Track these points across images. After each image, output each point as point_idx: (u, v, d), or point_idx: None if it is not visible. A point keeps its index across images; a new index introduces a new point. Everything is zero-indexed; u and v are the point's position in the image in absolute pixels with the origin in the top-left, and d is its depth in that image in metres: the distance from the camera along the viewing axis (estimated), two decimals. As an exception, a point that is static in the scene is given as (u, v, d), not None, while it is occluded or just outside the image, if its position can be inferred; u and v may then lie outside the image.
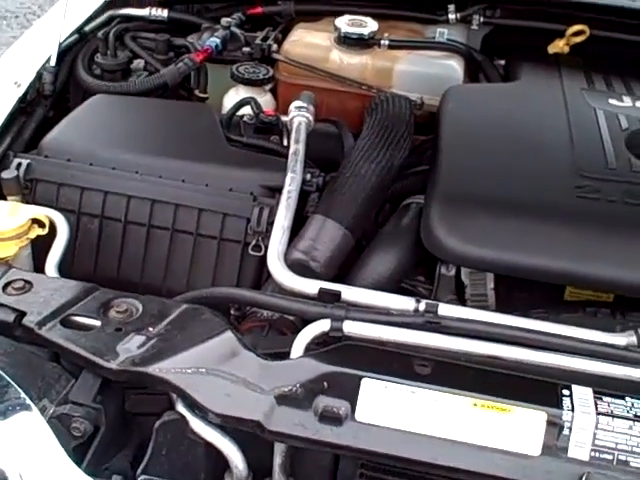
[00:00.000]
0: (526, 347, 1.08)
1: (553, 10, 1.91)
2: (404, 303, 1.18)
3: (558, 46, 1.89)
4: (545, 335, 1.11)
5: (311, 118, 1.50)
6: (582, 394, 1.00)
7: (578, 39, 1.87)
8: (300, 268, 1.28)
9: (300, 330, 1.11)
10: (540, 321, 1.18)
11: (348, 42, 1.77)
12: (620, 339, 1.16)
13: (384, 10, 1.87)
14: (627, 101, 1.65)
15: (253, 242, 1.35)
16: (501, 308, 1.36)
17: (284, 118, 1.54)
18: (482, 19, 1.91)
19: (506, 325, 1.12)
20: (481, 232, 1.30)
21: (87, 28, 1.83)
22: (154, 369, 1.02)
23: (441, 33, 1.86)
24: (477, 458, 0.96)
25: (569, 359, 1.07)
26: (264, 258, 1.27)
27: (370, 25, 1.78)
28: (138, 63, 1.75)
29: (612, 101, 1.64)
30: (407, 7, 1.90)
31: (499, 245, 1.29)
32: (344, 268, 1.38)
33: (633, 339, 1.16)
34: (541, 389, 1.01)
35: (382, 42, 1.77)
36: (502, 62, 1.94)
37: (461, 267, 1.38)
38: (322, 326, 1.10)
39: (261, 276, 1.37)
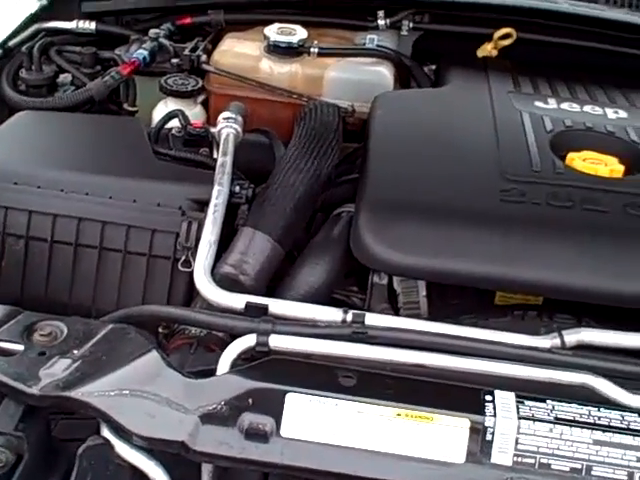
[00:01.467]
0: (451, 354, 1.09)
1: (481, 14, 1.94)
2: (332, 314, 1.18)
3: (486, 50, 1.91)
4: (470, 341, 1.12)
5: (239, 129, 1.50)
6: (504, 399, 1.01)
7: (506, 42, 1.90)
8: (230, 282, 1.27)
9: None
10: (466, 327, 1.19)
11: (277, 51, 1.77)
12: (544, 342, 1.18)
13: (313, 18, 1.88)
14: (552, 103, 1.67)
15: (183, 258, 1.34)
16: (434, 315, 1.37)
17: (213, 130, 1.54)
18: (411, 25, 1.92)
19: (431, 332, 1.13)
20: (409, 239, 1.31)
21: (12, 43, 1.80)
22: (77, 393, 1.01)
23: (371, 39, 1.87)
24: (401, 469, 0.97)
25: (494, 364, 1.07)
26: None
27: (299, 33, 1.78)
28: (65, 77, 1.73)
29: (538, 103, 1.66)
30: (336, 14, 1.90)
31: (427, 252, 1.29)
32: (276, 280, 1.38)
33: (557, 341, 1.18)
34: (464, 396, 1.02)
35: (312, 50, 1.77)
36: (433, 67, 1.96)
37: (392, 275, 1.38)
38: (248, 341, 1.09)
39: (192, 292, 1.36)
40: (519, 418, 0.99)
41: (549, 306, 1.35)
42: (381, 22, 1.88)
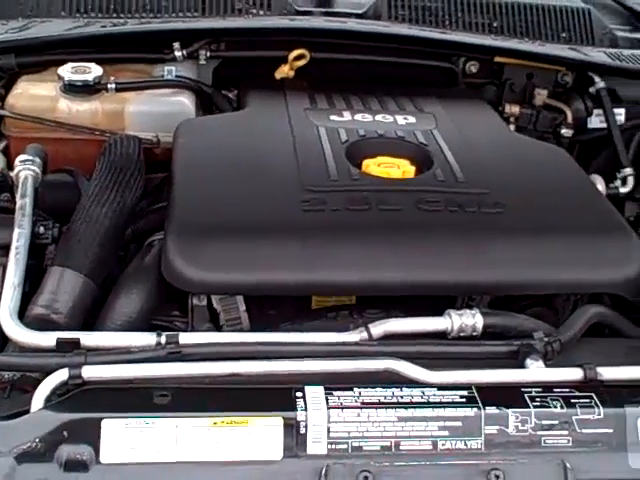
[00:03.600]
0: (263, 360, 1.14)
1: (275, 38, 2.02)
2: (146, 339, 1.20)
3: (283, 71, 1.99)
4: (279, 345, 1.17)
5: (38, 170, 1.49)
6: (314, 393, 1.07)
7: (300, 63, 1.98)
8: (43, 323, 1.26)
9: (42, 385, 1.10)
10: (277, 333, 1.24)
11: (74, 90, 1.77)
12: (353, 336, 1.25)
13: (108, 55, 1.89)
14: (347, 115, 1.77)
15: (-12, 304, 1.31)
16: (255, 328, 1.41)
17: (12, 174, 1.52)
18: (209, 54, 1.97)
19: (242, 342, 1.17)
20: (218, 257, 1.34)
21: None
22: None
23: (169, 71, 1.90)
24: (223, 474, 1.00)
25: (303, 363, 1.13)
26: None
27: (94, 70, 1.79)
28: None
29: (333, 117, 1.75)
30: (131, 49, 1.92)
31: (237, 267, 1.34)
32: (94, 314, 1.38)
33: (364, 334, 1.26)
34: (277, 396, 1.07)
35: (109, 86, 1.78)
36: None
37: (208, 295, 1.42)
38: (60, 376, 1.09)
39: (6, 338, 1.34)
40: (328, 408, 1.05)
41: (363, 303, 1.44)
42: (178, 53, 1.91)
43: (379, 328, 1.27)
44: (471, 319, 1.30)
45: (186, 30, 1.95)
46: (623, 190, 1.92)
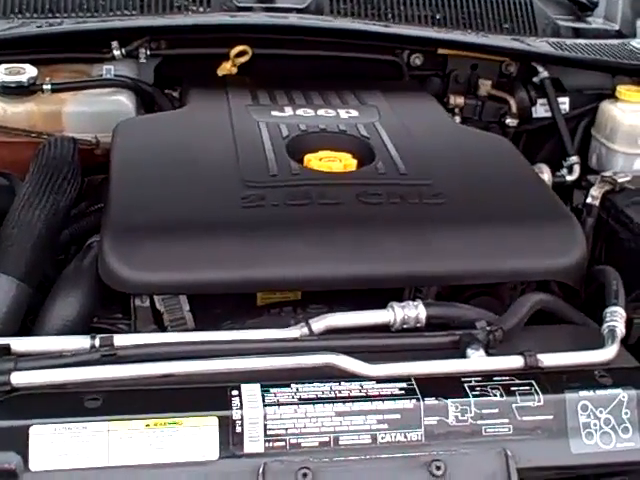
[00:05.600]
0: (199, 359, 1.11)
1: (217, 35, 1.99)
2: (80, 342, 1.17)
3: (226, 68, 1.97)
4: (217, 343, 1.15)
5: (-32, 175, 1.45)
6: (250, 391, 1.05)
7: (243, 59, 1.96)
8: None
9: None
10: (217, 331, 1.22)
11: (8, 91, 1.72)
12: (294, 332, 1.24)
13: (45, 55, 1.85)
14: (289, 111, 1.75)
15: None
16: (200, 328, 1.39)
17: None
18: (149, 52, 1.94)
19: (178, 342, 1.15)
20: (156, 257, 1.31)
21: None
22: None
23: (108, 70, 1.86)
24: (157, 477, 0.98)
25: (240, 361, 1.11)
26: None
27: (29, 71, 1.75)
28: None
29: (275, 113, 1.73)
30: (69, 49, 1.88)
31: (176, 266, 1.31)
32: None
33: (305, 330, 1.24)
34: (212, 395, 1.05)
35: (44, 87, 1.74)
36: (179, 91, 1.99)
37: (149, 295, 1.39)
38: (-12, 383, 1.06)
39: None
40: (265, 405, 1.03)
41: (308, 299, 1.42)
42: (116, 52, 1.88)
43: (320, 323, 1.26)
44: (414, 311, 1.29)
45: (124, 29, 1.91)
46: (569, 178, 1.93)
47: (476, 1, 2.14)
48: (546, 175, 1.88)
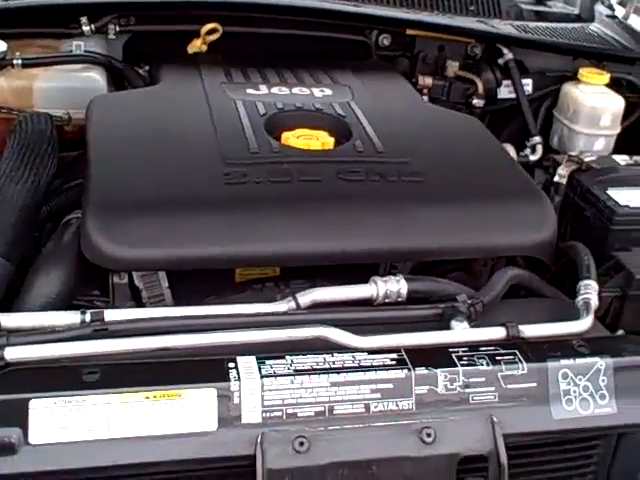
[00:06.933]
0: (193, 333, 1.13)
1: (187, 12, 1.98)
2: (70, 318, 1.17)
3: (196, 46, 1.96)
4: (208, 318, 1.17)
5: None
6: (246, 363, 1.07)
7: (213, 37, 1.96)
8: None
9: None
10: (205, 306, 1.23)
11: (-23, 66, 1.70)
12: (281, 306, 1.26)
13: (13, 30, 1.82)
14: (263, 89, 1.76)
15: None
16: (178, 305, 1.39)
17: None
18: (118, 28, 1.92)
19: (170, 317, 1.16)
20: (139, 233, 1.31)
21: None
22: None
23: (77, 46, 1.84)
24: (158, 448, 1.00)
25: (233, 334, 1.13)
26: None
27: (-2, 46, 1.72)
28: None
29: (250, 91, 1.74)
30: (38, 24, 1.85)
31: (158, 242, 1.31)
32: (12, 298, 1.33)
33: (292, 304, 1.26)
34: (209, 368, 1.06)
35: (15, 62, 1.72)
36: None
37: (129, 272, 1.39)
38: (-20, 359, 1.05)
39: None
40: (262, 377, 1.05)
41: (287, 274, 1.44)
42: (85, 28, 1.86)
43: (307, 297, 1.28)
44: (396, 285, 1.33)
45: (93, 4, 1.89)
46: (533, 158, 1.99)
47: (443, -17, 2.17)
48: (512, 154, 1.93)
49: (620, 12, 2.45)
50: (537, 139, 2.01)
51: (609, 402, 1.14)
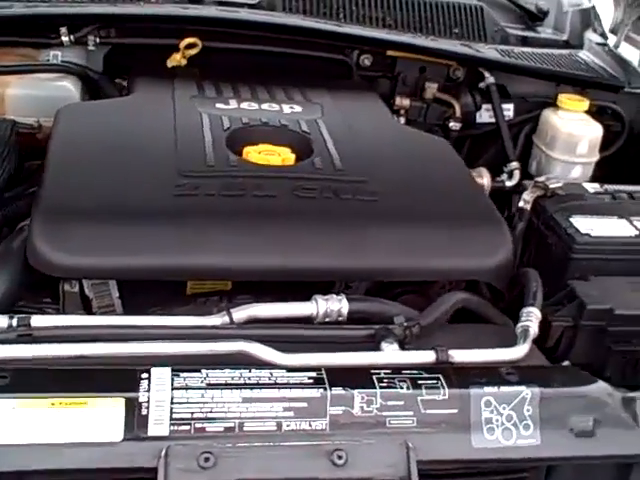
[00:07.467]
0: (115, 342, 1.13)
1: (168, 26, 2.00)
2: (-1, 322, 1.18)
3: (176, 59, 1.98)
4: (133, 328, 1.16)
5: None
6: (159, 374, 1.06)
7: (192, 51, 1.97)
8: None
9: None
10: (137, 316, 1.23)
11: (-48, 72, 1.73)
12: (214, 320, 1.25)
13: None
14: (233, 104, 1.76)
15: None
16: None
17: None
18: (98, 40, 1.94)
19: (95, 325, 1.16)
20: (85, 241, 1.32)
21: None
22: None
23: (55, 56, 1.87)
24: (60, 456, 0.99)
25: (153, 345, 1.13)
26: None
27: (-26, 53, 1.75)
28: None
29: (219, 105, 1.75)
30: (17, 33, 1.88)
31: (104, 251, 1.31)
32: None
33: (226, 319, 1.26)
34: (121, 377, 1.06)
35: (-12, 69, 1.75)
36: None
37: (76, 280, 1.40)
38: None
39: None
40: (172, 389, 1.04)
41: (237, 290, 1.44)
42: (65, 38, 1.88)
43: (242, 313, 1.28)
44: (337, 304, 1.32)
45: (74, 15, 1.91)
46: (509, 184, 1.97)
47: (427, 5, 2.17)
48: (485, 179, 1.91)
49: (612, 40, 2.44)
50: (515, 164, 1.99)
51: (533, 433, 1.11)
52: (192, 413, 1.03)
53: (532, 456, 1.10)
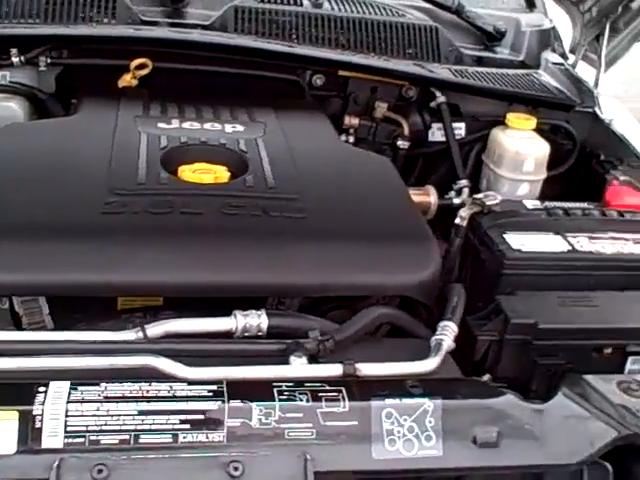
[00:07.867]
0: (17, 356, 1.14)
1: (119, 47, 2.02)
2: None
3: (126, 80, 2.00)
4: (41, 343, 1.18)
5: None
6: (57, 388, 1.07)
7: (143, 72, 2.00)
8: None
9: None
10: (48, 332, 1.25)
11: None
12: (128, 335, 1.26)
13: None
14: (175, 123, 1.79)
15: None
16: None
17: None
18: (49, 60, 1.96)
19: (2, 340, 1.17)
20: (13, 258, 1.33)
21: None
22: None
23: (3, 76, 1.90)
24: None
25: (55, 359, 1.14)
26: None
27: None
28: None
29: (160, 124, 1.77)
30: None
31: (35, 269, 1.32)
32: None
33: (140, 334, 1.27)
34: (17, 391, 1.07)
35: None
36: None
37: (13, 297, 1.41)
38: None
39: None
40: (68, 402, 1.05)
41: (168, 306, 1.45)
42: (15, 59, 1.91)
43: (158, 328, 1.29)
44: (256, 319, 1.33)
45: (24, 36, 1.95)
46: (456, 201, 1.97)
47: (381, 26, 2.18)
48: (432, 197, 1.93)
49: (572, 59, 2.45)
50: (464, 182, 2.00)
51: (435, 444, 1.11)
52: (87, 426, 1.04)
53: (434, 466, 1.10)
